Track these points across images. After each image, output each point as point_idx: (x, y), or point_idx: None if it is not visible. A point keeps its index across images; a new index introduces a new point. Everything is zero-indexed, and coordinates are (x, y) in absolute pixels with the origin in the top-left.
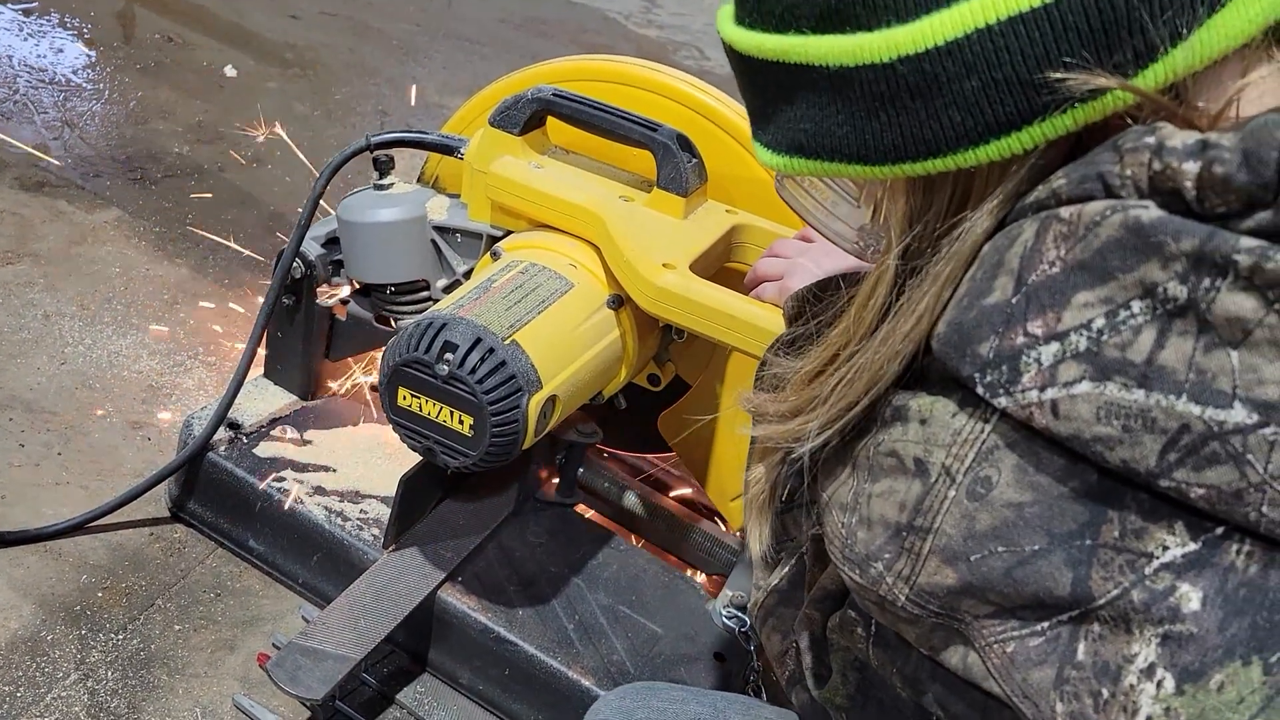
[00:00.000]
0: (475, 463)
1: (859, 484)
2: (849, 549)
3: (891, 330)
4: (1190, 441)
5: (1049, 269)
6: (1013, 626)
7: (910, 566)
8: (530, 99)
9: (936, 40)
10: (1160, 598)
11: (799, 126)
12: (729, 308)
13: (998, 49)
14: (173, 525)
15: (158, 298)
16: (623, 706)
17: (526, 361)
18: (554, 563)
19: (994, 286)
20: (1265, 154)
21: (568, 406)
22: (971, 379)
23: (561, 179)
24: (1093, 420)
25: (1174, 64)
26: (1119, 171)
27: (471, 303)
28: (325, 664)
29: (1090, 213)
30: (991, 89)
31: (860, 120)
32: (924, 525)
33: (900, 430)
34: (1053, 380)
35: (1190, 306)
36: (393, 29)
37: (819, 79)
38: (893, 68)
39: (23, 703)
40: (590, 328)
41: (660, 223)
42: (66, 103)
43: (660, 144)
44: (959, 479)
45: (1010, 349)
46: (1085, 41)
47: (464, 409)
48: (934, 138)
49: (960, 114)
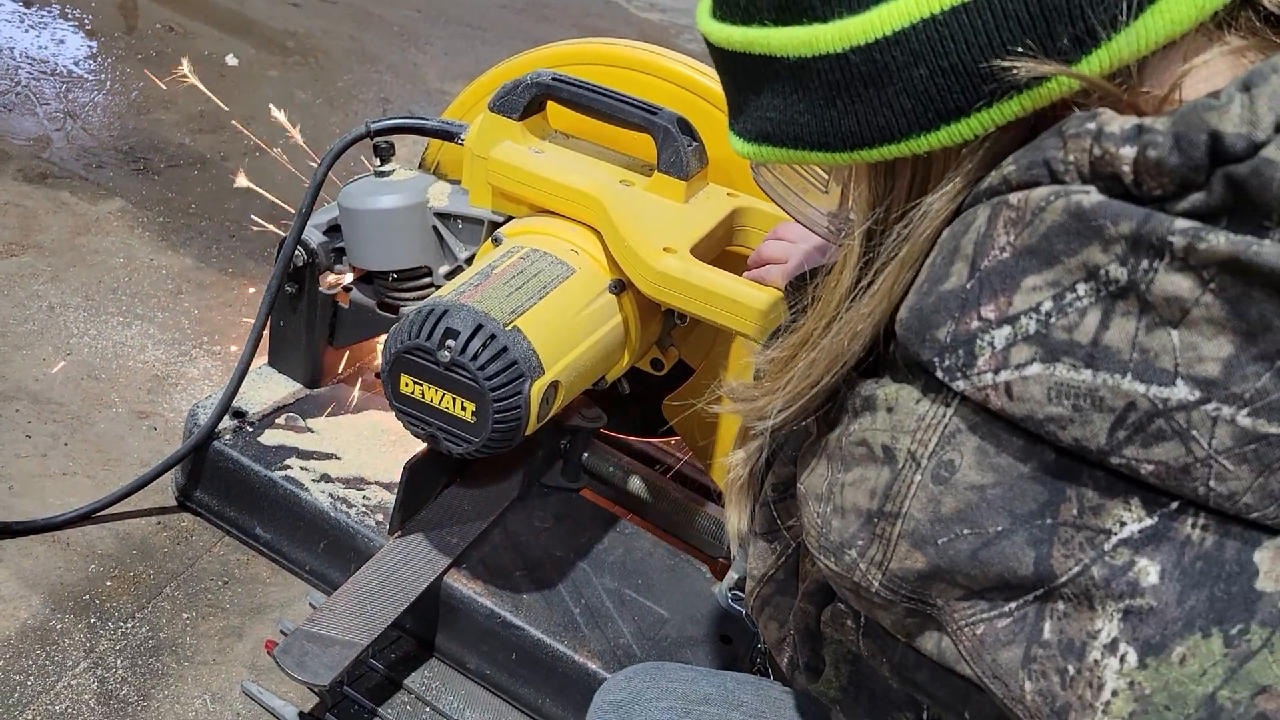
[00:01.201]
0: (478, 449)
1: (833, 474)
2: (824, 537)
3: (853, 311)
4: (1137, 419)
5: (1000, 254)
6: (981, 609)
7: (882, 552)
8: (530, 84)
9: (885, 30)
10: (1119, 573)
11: (766, 115)
12: (731, 291)
13: (942, 38)
14: (180, 514)
15: (162, 288)
16: (632, 686)
17: (528, 347)
18: (559, 547)
19: (951, 272)
20: (1195, 137)
21: (570, 392)
22: (931, 363)
23: (562, 164)
24: (1044, 401)
25: (1117, 50)
26: (1062, 157)
27: (473, 289)
28: (332, 650)
29: (1036, 198)
30: (939, 76)
31: (819, 109)
32: (893, 511)
33: (869, 419)
34: (1006, 363)
35: (1131, 288)
36: (393, 15)
37: (781, 69)
38: (846, 58)
39: (33, 691)
40: (592, 313)
41: (661, 207)
42: (68, 94)
43: (660, 127)
44: (924, 464)
45: (966, 333)
46: (1026, 29)
47: (466, 395)
48: (887, 125)
49: (911, 101)
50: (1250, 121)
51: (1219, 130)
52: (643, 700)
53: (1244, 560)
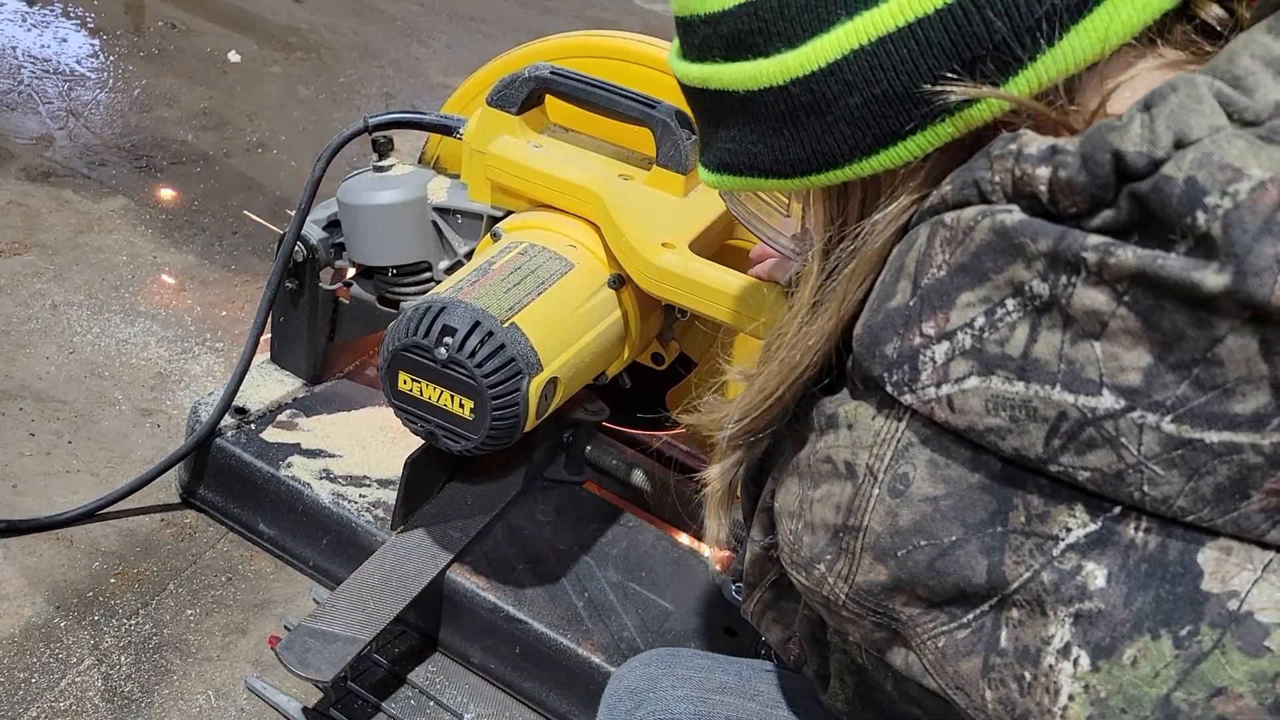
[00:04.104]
0: (477, 446)
1: (803, 491)
2: (795, 553)
3: (808, 326)
4: (1069, 428)
5: (938, 272)
6: (941, 621)
7: (848, 566)
8: (528, 77)
9: (819, 62)
10: (1068, 577)
11: (724, 146)
12: (730, 287)
13: (872, 67)
14: (183, 511)
15: (164, 285)
16: (648, 674)
17: (526, 344)
18: (563, 540)
19: (896, 290)
20: (1100, 156)
21: (569, 388)
22: (881, 379)
23: (560, 158)
24: (983, 412)
25: (1044, 70)
26: (989, 178)
27: (470, 286)
28: (334, 646)
29: (966, 218)
30: (873, 104)
31: (769, 138)
32: (856, 525)
33: (833, 437)
34: (946, 377)
35: (1053, 302)
36: (396, 9)
37: (733, 103)
38: (787, 90)
39: (37, 689)
40: (591, 308)
41: (660, 201)
42: (71, 92)
43: (659, 121)
44: (881, 478)
45: (910, 348)
46: (950, 55)
47: (464, 393)
48: (830, 151)
49: (849, 128)
50: (1150, 140)
51: (1121, 149)
52: (658, 688)
53: (1187, 562)
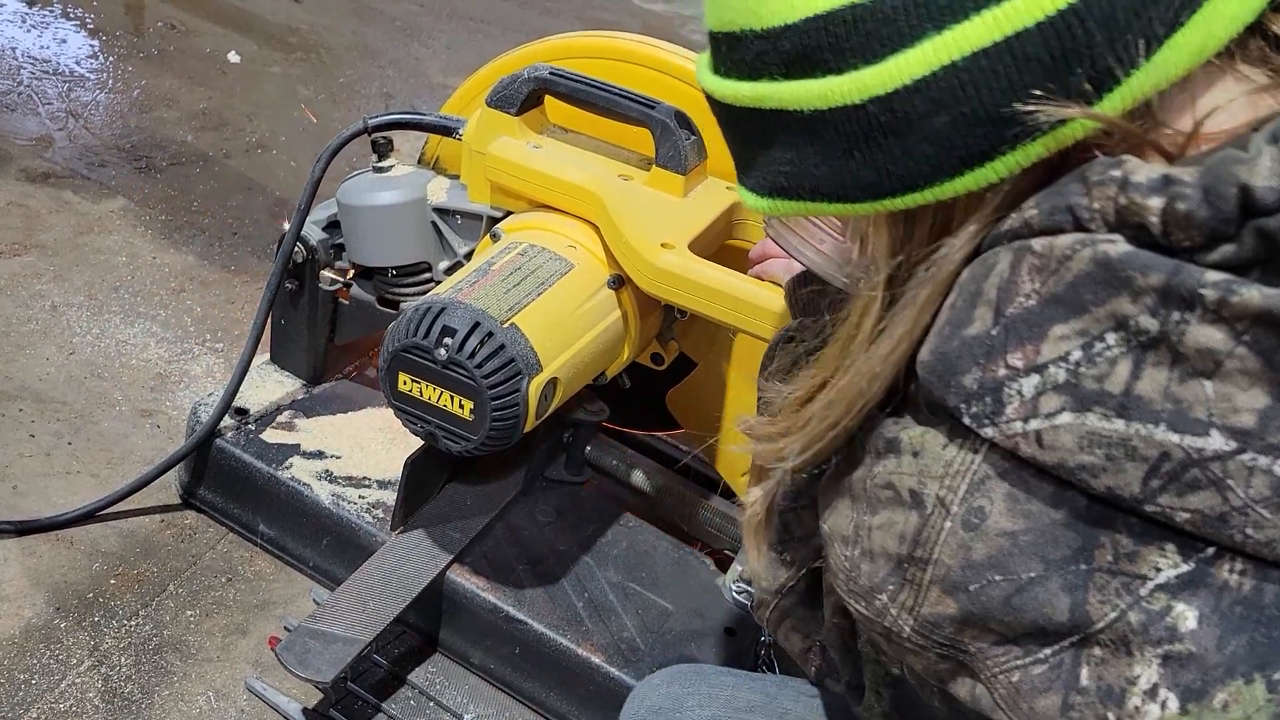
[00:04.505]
0: (476, 447)
1: (858, 516)
2: (853, 582)
3: (872, 353)
4: (1171, 468)
5: (1025, 301)
6: (1015, 655)
7: (913, 598)
8: (527, 78)
9: (903, 79)
10: (1157, 618)
11: (779, 169)
12: (729, 287)
13: (963, 84)
14: (183, 512)
15: (164, 286)
16: (671, 692)
17: (526, 345)
18: (563, 541)
19: (974, 316)
20: (1224, 190)
21: (569, 388)
22: (958, 409)
23: (560, 158)
24: (1076, 450)
25: (1137, 87)
26: (1087, 204)
27: (470, 286)
28: (334, 646)
29: (1061, 246)
30: (961, 123)
31: (837, 160)
32: (923, 556)
33: (894, 462)
34: (1035, 411)
35: (1162, 339)
36: (395, 10)
37: (793, 123)
38: (863, 109)
39: (37, 690)
40: (591, 309)
41: (659, 201)
42: (70, 93)
43: (658, 121)
44: (953, 510)
45: (993, 380)
46: (1047, 72)
47: (464, 393)
48: (909, 173)
49: (933, 149)
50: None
51: (1249, 184)
52: (684, 708)
53: None
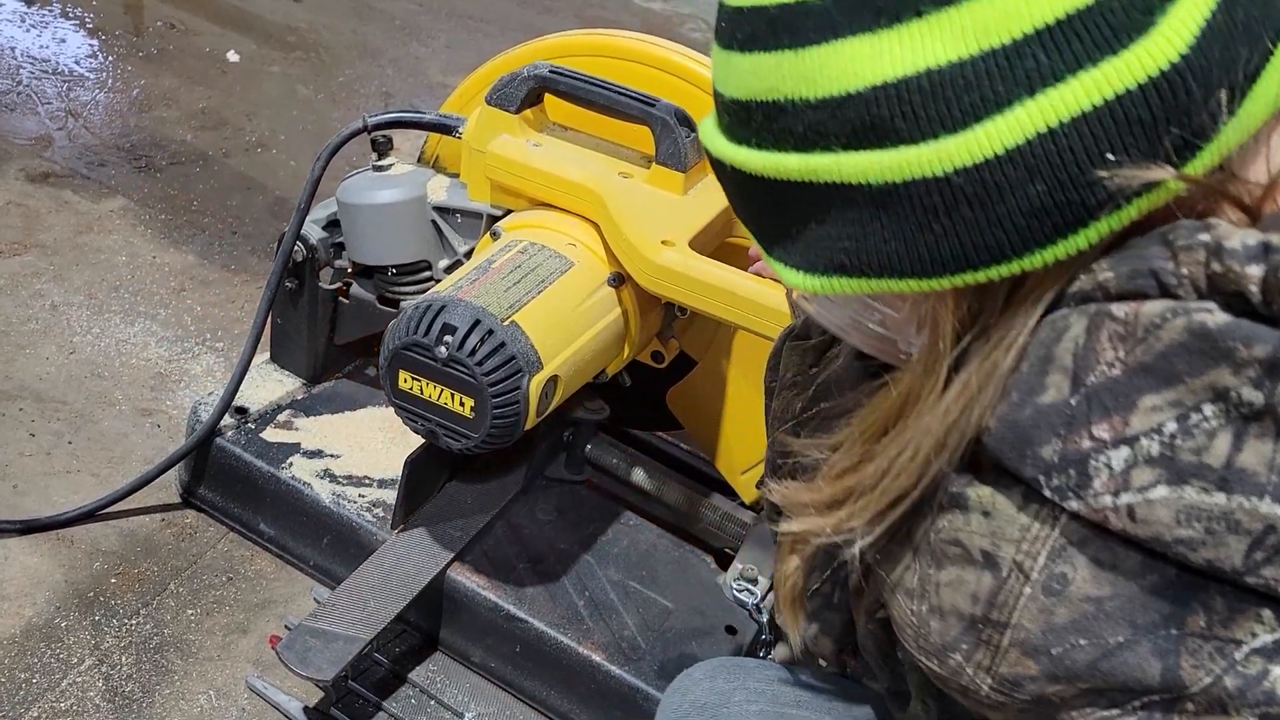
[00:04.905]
0: (477, 445)
1: (923, 569)
2: (923, 639)
3: (936, 423)
4: (1277, 541)
5: (1109, 370)
6: (1102, 704)
7: (990, 658)
8: (527, 76)
9: (995, 149)
10: (1254, 682)
11: (837, 246)
12: (730, 284)
13: (1060, 150)
14: (184, 511)
15: (164, 285)
16: (716, 687)
17: (526, 342)
18: (563, 539)
19: (1047, 384)
20: None
21: (569, 386)
22: (1036, 481)
23: (560, 156)
24: (1173, 524)
25: (1224, 143)
26: (1174, 270)
27: (470, 284)
28: (335, 645)
29: (1149, 314)
30: (1056, 190)
31: (911, 234)
32: (1000, 620)
33: (961, 519)
34: (1126, 485)
35: (1268, 411)
36: (394, 9)
37: (858, 196)
38: (946, 180)
39: (38, 689)
40: (591, 306)
41: (659, 199)
42: (70, 93)
43: (658, 119)
44: (1033, 576)
45: (1076, 453)
46: (1147, 132)
47: (464, 391)
48: (997, 244)
49: (1024, 219)
50: None
51: None
52: (730, 703)
53: None
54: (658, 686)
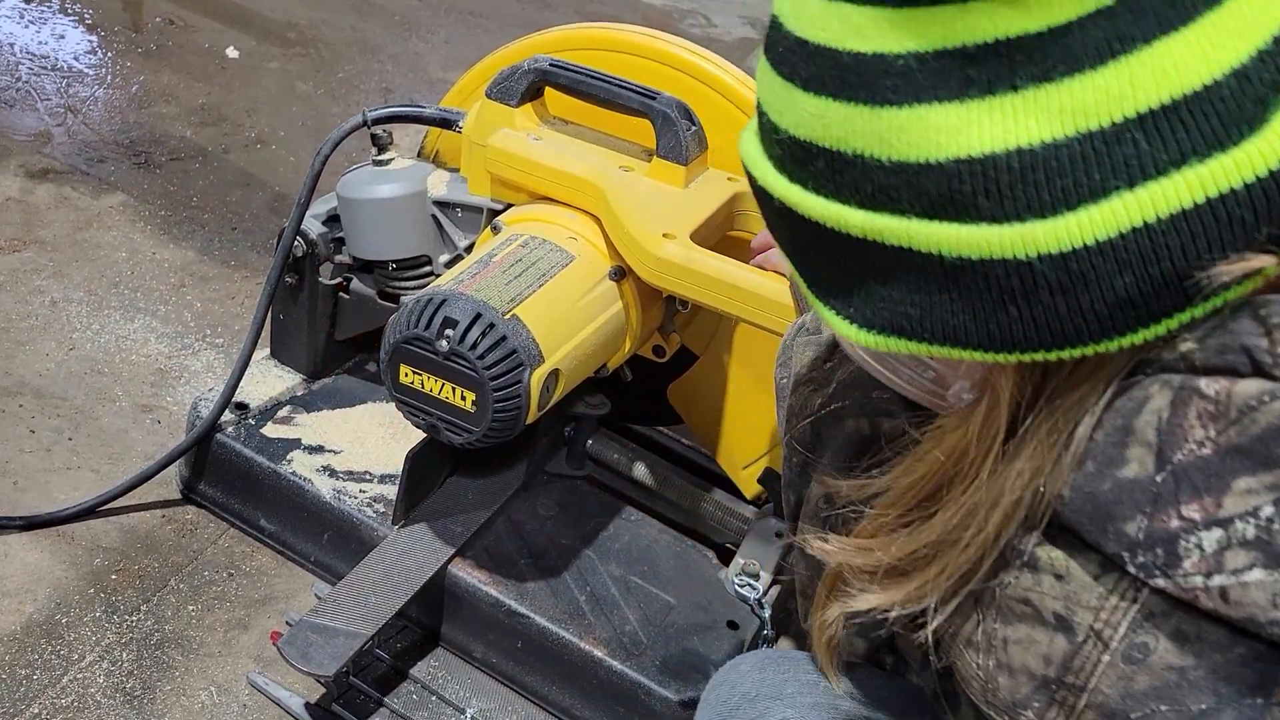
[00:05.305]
0: (479, 439)
1: (988, 624)
2: (992, 694)
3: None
4: None
5: (1198, 449)
6: None
7: (1065, 715)
8: (527, 69)
9: (1085, 239)
10: None
11: (900, 310)
12: (732, 277)
13: (1156, 246)
14: (184, 507)
15: (164, 281)
16: (766, 679)
17: (528, 336)
18: (564, 535)
19: (1128, 457)
20: None
21: (571, 380)
22: (1119, 557)
23: (560, 150)
24: (1269, 606)
25: None
26: (1268, 348)
27: (471, 278)
28: (336, 640)
29: (1244, 394)
30: (1145, 284)
31: (984, 312)
32: (1077, 684)
33: (1031, 579)
34: (1219, 567)
35: None
36: (394, 4)
37: (928, 266)
38: (1029, 265)
39: (39, 685)
40: (592, 300)
41: (660, 192)
42: (69, 89)
43: (659, 112)
44: (1112, 645)
45: (1164, 532)
46: (1249, 230)
47: (465, 385)
48: (1075, 331)
49: (1108, 309)
50: None
51: None
52: (784, 695)
53: None
54: (659, 682)
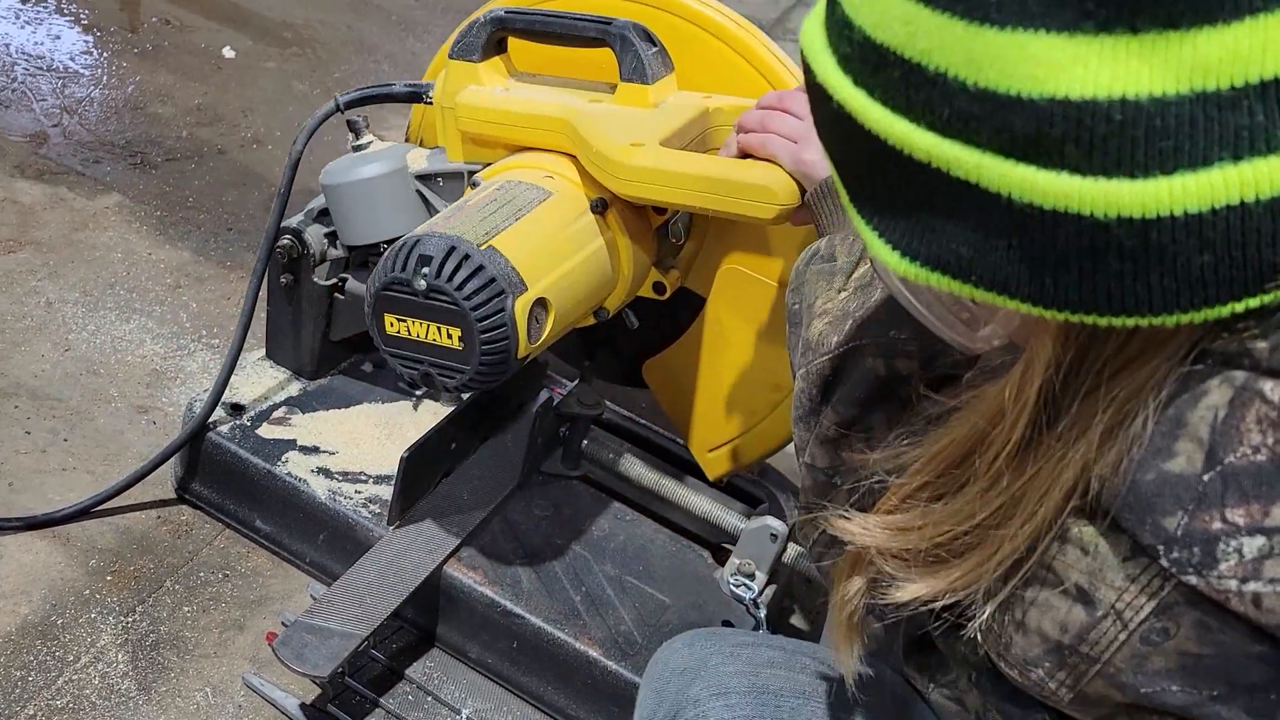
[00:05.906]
0: (471, 378)
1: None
2: (1004, 648)
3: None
4: None
5: (1253, 455)
6: None
7: (1074, 679)
8: (484, 21)
9: (1174, 209)
10: None
11: (950, 247)
12: (709, 170)
13: (1247, 229)
14: (179, 508)
15: (160, 282)
16: (694, 654)
17: (506, 264)
18: (559, 535)
19: (1176, 450)
20: None
21: (563, 313)
22: (1154, 549)
23: (528, 96)
24: None
25: None
26: None
27: (444, 220)
28: (331, 641)
29: None
30: (1225, 265)
31: (1042, 265)
32: (1091, 654)
33: (1056, 547)
34: (1256, 574)
35: None
36: (391, 4)
37: (993, 207)
38: (1105, 226)
39: (35, 686)
40: (575, 233)
41: (628, 114)
42: (65, 89)
43: (617, 36)
44: (1132, 626)
45: (1204, 532)
46: None
47: (449, 321)
48: (1134, 301)
49: (1177, 284)
50: None
51: None
52: (708, 664)
53: None
54: None
